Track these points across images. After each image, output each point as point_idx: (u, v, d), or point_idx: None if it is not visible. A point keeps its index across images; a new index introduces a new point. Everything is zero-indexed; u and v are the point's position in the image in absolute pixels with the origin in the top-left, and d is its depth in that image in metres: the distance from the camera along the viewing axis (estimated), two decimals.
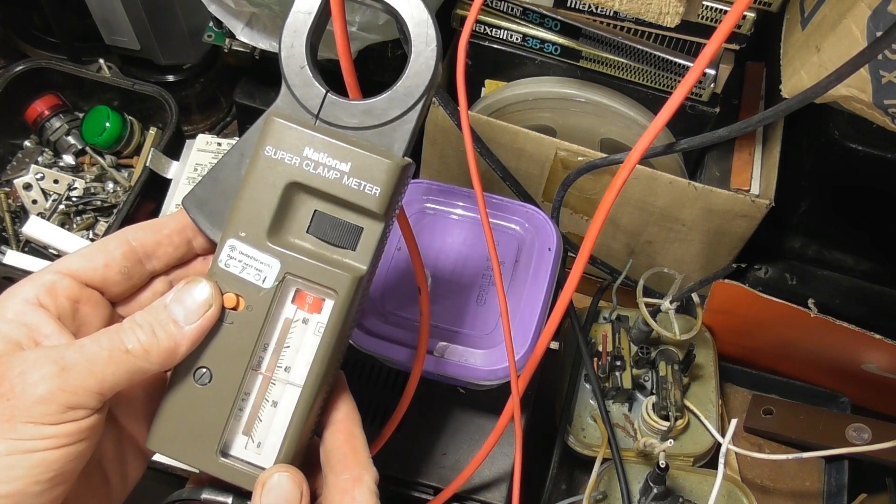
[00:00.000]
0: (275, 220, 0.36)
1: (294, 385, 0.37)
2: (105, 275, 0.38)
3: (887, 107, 0.55)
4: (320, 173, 0.35)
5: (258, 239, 0.36)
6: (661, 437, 0.61)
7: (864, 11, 0.52)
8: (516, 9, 0.69)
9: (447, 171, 0.76)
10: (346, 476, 0.37)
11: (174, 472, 0.58)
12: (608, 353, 0.66)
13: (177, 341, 0.35)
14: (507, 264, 0.58)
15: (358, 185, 0.35)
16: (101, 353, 0.34)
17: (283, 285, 0.36)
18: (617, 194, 0.39)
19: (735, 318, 0.68)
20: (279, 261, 0.36)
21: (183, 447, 0.37)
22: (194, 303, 0.35)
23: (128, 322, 0.35)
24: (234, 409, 0.37)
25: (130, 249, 0.38)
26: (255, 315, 0.36)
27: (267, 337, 0.37)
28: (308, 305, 0.37)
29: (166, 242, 0.39)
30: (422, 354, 0.48)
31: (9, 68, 0.81)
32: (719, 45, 0.36)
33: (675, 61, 0.66)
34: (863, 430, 0.64)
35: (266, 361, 0.37)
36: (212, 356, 0.36)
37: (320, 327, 0.37)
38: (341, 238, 0.36)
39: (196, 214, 0.38)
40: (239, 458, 0.37)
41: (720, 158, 0.74)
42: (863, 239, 0.75)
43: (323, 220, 0.36)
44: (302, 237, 0.36)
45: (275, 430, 0.37)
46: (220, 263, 0.36)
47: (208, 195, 0.38)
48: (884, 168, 0.65)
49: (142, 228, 0.39)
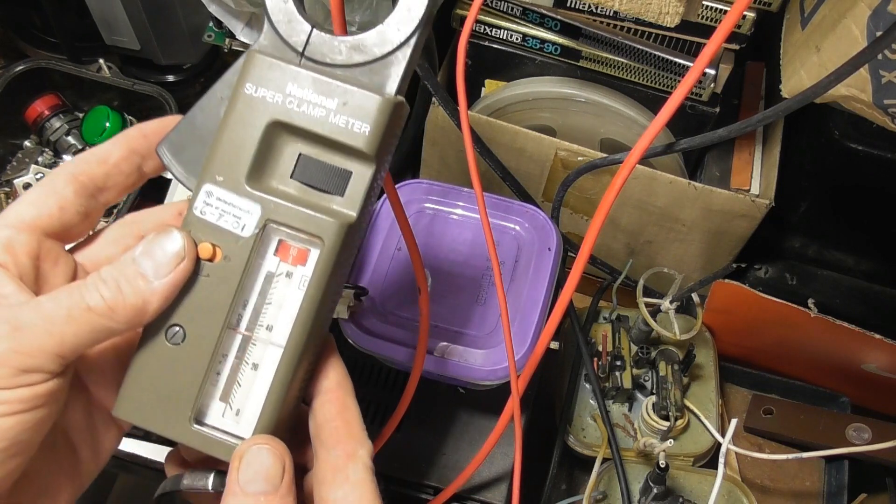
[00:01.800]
0: (255, 164, 0.33)
1: (276, 346, 0.34)
2: (62, 219, 0.35)
3: (887, 107, 0.55)
4: (305, 111, 0.32)
5: (236, 183, 0.33)
6: (661, 437, 0.61)
7: (864, 11, 0.52)
8: (516, 9, 0.69)
9: (447, 171, 0.76)
10: (338, 452, 0.34)
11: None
12: (608, 353, 0.66)
13: (145, 298, 0.32)
14: (507, 264, 0.58)
15: (346, 123, 0.32)
16: (60, 312, 0.31)
17: (265, 234, 0.33)
18: (617, 194, 0.39)
19: (735, 318, 0.68)
20: (259, 206, 0.33)
21: (153, 414, 0.34)
22: (165, 255, 0.32)
23: (91, 277, 0.32)
24: (209, 372, 0.34)
25: (81, 186, 0.35)
26: (234, 267, 0.33)
27: (246, 292, 0.34)
28: (292, 257, 0.34)
29: (115, 172, 0.36)
30: (421, 354, 0.48)
31: (9, 68, 0.81)
32: (719, 45, 0.36)
33: (675, 61, 0.66)
34: (863, 430, 0.64)
35: (245, 319, 0.34)
36: (185, 313, 0.33)
37: (305, 281, 0.34)
38: (328, 183, 0.33)
39: (171, 162, 0.35)
40: (215, 427, 0.34)
41: (720, 158, 0.74)
42: (863, 239, 0.75)
43: (308, 163, 0.33)
44: (285, 182, 0.34)
45: (255, 396, 0.34)
46: (195, 211, 0.33)
47: (184, 141, 0.35)
48: (884, 168, 0.65)
49: (86, 161, 0.36)
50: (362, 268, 0.58)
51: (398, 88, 0.34)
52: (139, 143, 0.36)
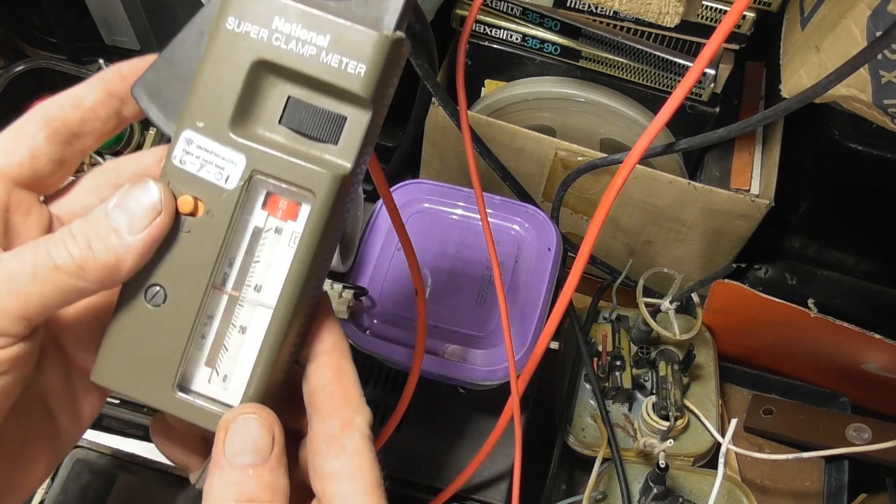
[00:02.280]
0: (239, 108, 0.30)
1: (266, 307, 0.32)
2: (34, 167, 0.32)
3: (887, 107, 0.55)
4: (293, 49, 0.29)
5: (219, 130, 0.30)
6: (661, 437, 0.61)
7: (863, 11, 0.52)
8: (516, 9, 0.69)
9: (447, 171, 0.76)
10: (333, 420, 0.31)
11: (173, 472, 0.58)
12: (608, 353, 0.66)
13: (118, 255, 0.29)
14: (506, 264, 0.58)
15: (339, 62, 0.29)
16: (24, 270, 0.28)
17: (251, 186, 0.31)
18: (617, 194, 0.39)
19: (735, 318, 0.68)
20: (244, 156, 0.30)
21: (134, 380, 0.31)
22: (140, 208, 0.29)
23: (60, 232, 0.29)
24: (193, 336, 0.31)
25: (54, 131, 0.32)
26: (217, 222, 0.31)
27: (232, 249, 0.31)
28: (281, 212, 0.31)
29: (91, 117, 0.33)
30: (419, 356, 0.48)
31: (9, 68, 0.81)
32: (719, 44, 0.36)
33: (675, 61, 0.66)
34: (863, 430, 0.64)
35: (232, 278, 0.32)
36: (166, 271, 0.31)
37: (296, 237, 0.31)
38: (320, 129, 0.30)
39: (148, 104, 0.32)
40: (201, 394, 0.32)
41: (720, 158, 0.74)
42: (863, 239, 0.75)
43: (298, 107, 0.30)
44: (273, 129, 0.31)
45: (243, 360, 0.32)
46: (174, 160, 0.30)
47: (162, 81, 0.32)
48: (884, 168, 0.65)
49: (59, 105, 0.33)
50: (362, 268, 0.58)
51: (397, 23, 0.30)
52: (117, 86, 0.33)
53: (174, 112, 0.32)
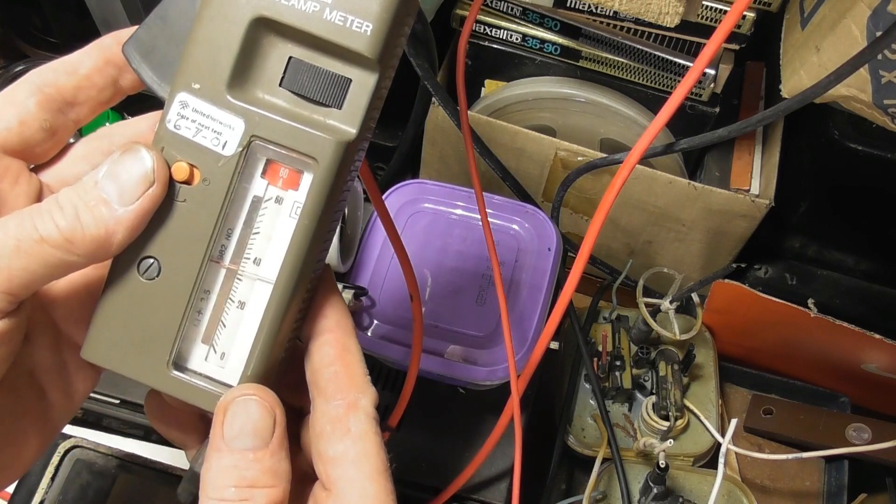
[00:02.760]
0: (237, 69, 0.28)
1: (265, 281, 0.30)
2: (23, 134, 0.31)
3: (887, 107, 0.55)
4: (294, 5, 0.27)
5: (216, 92, 0.28)
6: (661, 437, 0.61)
7: (863, 11, 0.52)
8: (516, 9, 0.69)
9: (447, 171, 0.76)
10: (338, 402, 0.30)
11: (173, 472, 0.57)
12: (608, 353, 0.66)
13: (108, 227, 0.27)
14: (506, 264, 0.58)
15: (343, 19, 0.27)
16: (7, 242, 0.27)
17: (249, 153, 0.29)
18: (617, 194, 0.39)
19: (735, 318, 0.68)
20: (243, 120, 0.28)
21: (126, 357, 0.30)
22: (131, 178, 0.28)
23: (47, 202, 0.28)
24: (189, 311, 0.30)
25: (46, 98, 0.31)
26: (215, 191, 0.29)
27: (231, 220, 0.30)
28: (282, 180, 0.30)
29: (87, 85, 0.32)
30: (415, 361, 0.48)
31: (9, 68, 0.81)
32: (719, 45, 0.36)
33: (675, 61, 0.66)
34: (863, 430, 0.64)
35: (230, 251, 0.30)
36: (160, 243, 0.29)
37: (297, 207, 0.29)
38: (323, 93, 0.29)
39: (140, 65, 0.30)
40: (197, 373, 0.31)
41: (720, 158, 0.74)
42: (863, 239, 0.75)
43: (299, 69, 0.28)
44: (273, 92, 0.29)
45: (242, 337, 0.30)
46: (168, 125, 0.29)
47: (155, 39, 0.30)
48: (884, 168, 0.65)
49: (53, 70, 0.31)
50: (362, 268, 0.58)
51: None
52: (115, 53, 0.32)
53: (168, 73, 0.30)
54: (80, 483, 0.56)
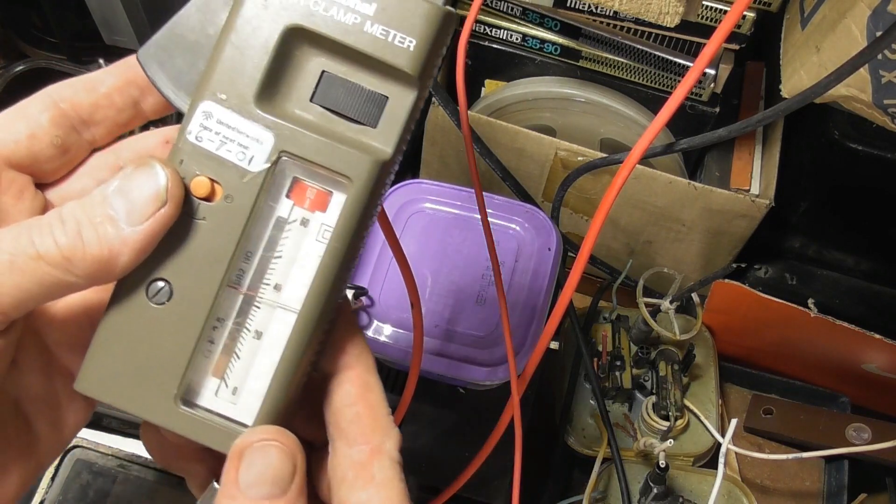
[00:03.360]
0: (267, 80, 0.27)
1: (286, 309, 0.28)
2: (31, 148, 0.29)
3: (887, 107, 0.55)
4: (333, 16, 0.26)
5: (243, 103, 0.26)
6: (661, 437, 0.61)
7: (863, 11, 0.52)
8: (516, 9, 0.69)
9: (447, 171, 0.76)
10: (362, 447, 0.28)
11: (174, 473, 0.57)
12: (608, 353, 0.66)
13: (112, 248, 0.25)
14: (506, 264, 0.58)
15: (385, 33, 0.26)
16: (0, 258, 0.24)
17: (277, 169, 0.27)
18: (617, 194, 0.39)
19: (735, 318, 0.68)
20: (272, 134, 0.26)
21: (128, 390, 0.27)
22: (142, 196, 0.25)
23: (48, 216, 0.25)
24: (201, 341, 0.27)
25: (60, 114, 0.29)
26: (237, 209, 0.27)
27: (251, 242, 0.27)
28: (309, 201, 0.28)
29: (105, 104, 0.30)
30: (415, 366, 0.47)
31: (9, 68, 0.81)
32: (719, 44, 0.36)
33: (675, 61, 0.66)
34: (863, 430, 0.64)
35: (249, 275, 0.28)
36: (174, 264, 0.27)
37: (325, 231, 0.28)
38: (358, 109, 0.27)
39: (156, 73, 0.28)
40: (208, 409, 0.28)
41: (720, 158, 0.74)
42: (863, 239, 0.75)
43: (333, 84, 0.27)
44: (304, 107, 0.27)
45: (257, 371, 0.28)
46: (189, 136, 0.27)
47: (175, 47, 0.28)
48: (884, 168, 0.65)
49: (71, 86, 0.30)
50: (362, 268, 0.58)
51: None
52: (139, 74, 0.30)
53: (186, 83, 0.28)
54: (80, 483, 0.56)
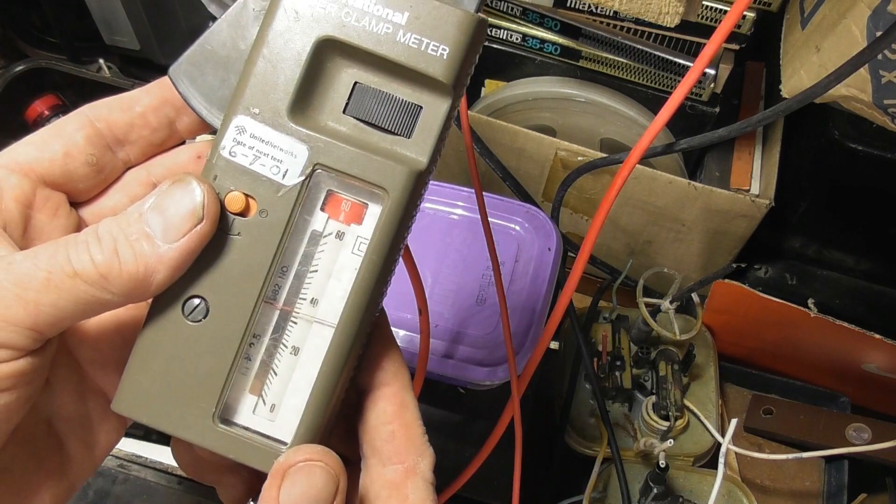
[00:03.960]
0: (300, 93, 0.26)
1: (323, 324, 0.27)
2: (66, 166, 0.29)
3: (887, 107, 0.55)
4: (365, 26, 0.26)
5: (277, 116, 0.26)
6: (661, 437, 0.61)
7: (863, 11, 0.52)
8: (516, 9, 0.69)
9: (447, 171, 0.76)
10: (396, 466, 0.28)
11: (173, 473, 0.57)
12: (608, 353, 0.66)
13: (149, 266, 0.25)
14: (506, 264, 0.58)
15: (418, 42, 0.26)
16: (37, 274, 0.24)
17: (312, 182, 0.27)
18: (617, 194, 0.39)
19: (735, 318, 0.68)
20: (306, 147, 0.26)
21: (166, 410, 0.27)
22: (178, 212, 0.25)
23: (85, 233, 0.25)
24: (238, 358, 0.27)
25: (95, 132, 0.29)
26: (273, 223, 0.27)
27: (287, 256, 0.27)
28: (344, 214, 0.27)
29: (140, 123, 0.30)
30: (421, 372, 0.47)
31: (9, 68, 0.81)
32: (719, 44, 0.36)
33: (675, 61, 0.66)
34: (863, 430, 0.64)
35: (285, 290, 0.27)
36: (210, 281, 0.27)
37: (361, 243, 0.27)
38: (392, 120, 0.27)
39: (188, 88, 0.29)
40: (247, 428, 0.28)
41: (720, 158, 0.74)
42: (863, 239, 0.75)
43: (366, 95, 0.27)
44: (338, 119, 0.27)
45: (295, 387, 0.28)
46: (222, 151, 0.27)
47: (206, 63, 0.28)
48: (884, 168, 0.65)
49: (107, 105, 0.30)
50: None
51: (478, 4, 0.27)
52: (174, 94, 0.30)
53: (218, 98, 0.28)
54: None
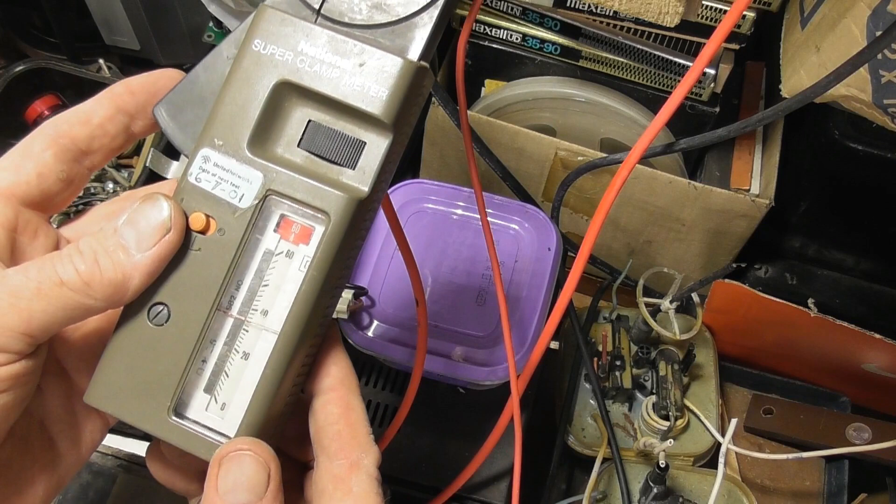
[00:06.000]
0: (259, 128, 0.30)
1: (271, 332, 0.31)
2: (41, 186, 0.31)
3: (887, 106, 0.55)
4: (317, 71, 0.30)
5: (237, 148, 0.30)
6: (661, 437, 0.61)
7: (863, 11, 0.52)
8: (516, 9, 0.69)
9: (447, 171, 0.76)
10: (341, 461, 0.31)
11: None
12: (608, 353, 0.66)
13: (125, 272, 0.29)
14: (506, 264, 0.58)
15: (361, 86, 0.30)
16: (28, 285, 0.28)
17: (265, 206, 0.30)
18: (617, 194, 0.39)
19: (735, 317, 0.68)
20: (261, 175, 0.30)
21: (128, 403, 0.31)
22: (149, 225, 0.29)
23: (67, 248, 0.29)
24: (194, 359, 0.31)
25: (61, 149, 0.32)
26: (228, 241, 0.30)
27: (241, 271, 0.31)
28: (294, 235, 0.31)
29: (100, 133, 0.33)
30: (419, 365, 0.48)
31: (9, 68, 0.81)
32: (719, 44, 0.36)
33: (675, 61, 0.66)
34: (863, 430, 0.64)
35: (238, 301, 0.31)
36: (171, 289, 0.30)
37: (307, 261, 0.31)
38: (338, 153, 0.30)
39: (168, 124, 0.32)
40: (197, 422, 0.31)
41: (720, 158, 0.74)
42: (863, 239, 0.75)
43: (317, 131, 0.31)
44: (291, 151, 0.31)
45: (243, 389, 0.31)
46: (189, 178, 0.30)
47: (184, 102, 0.32)
48: (884, 168, 0.65)
49: (67, 122, 0.32)
50: (362, 267, 0.58)
51: (422, 53, 0.31)
52: (126, 101, 0.33)
53: (194, 133, 0.31)
54: (80, 483, 0.56)
